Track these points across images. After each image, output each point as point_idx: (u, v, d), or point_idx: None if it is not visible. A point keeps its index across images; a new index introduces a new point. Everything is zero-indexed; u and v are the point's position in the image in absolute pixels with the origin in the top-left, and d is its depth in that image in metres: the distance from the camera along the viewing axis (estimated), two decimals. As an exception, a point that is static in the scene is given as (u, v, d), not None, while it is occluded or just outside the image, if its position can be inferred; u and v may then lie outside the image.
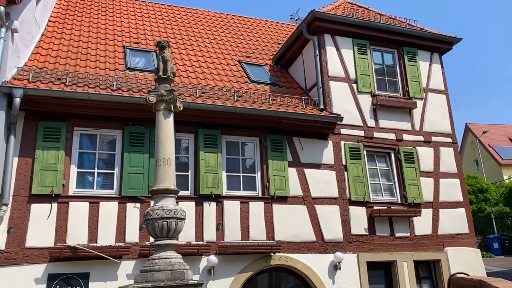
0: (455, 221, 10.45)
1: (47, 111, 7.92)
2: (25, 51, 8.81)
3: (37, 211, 7.51)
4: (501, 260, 19.90)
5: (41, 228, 7.44)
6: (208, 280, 8.04)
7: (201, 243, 8.22)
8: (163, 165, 5.31)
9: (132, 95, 8.34)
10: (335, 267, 9.00)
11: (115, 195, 8.08)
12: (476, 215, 27.18)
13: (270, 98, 9.67)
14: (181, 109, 5.89)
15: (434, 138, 10.96)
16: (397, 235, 9.78)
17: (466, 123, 46.53)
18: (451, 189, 10.67)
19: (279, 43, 13.66)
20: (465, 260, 10.10)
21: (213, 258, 8.05)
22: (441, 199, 10.48)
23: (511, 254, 21.86)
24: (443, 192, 10.55)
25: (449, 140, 11.16)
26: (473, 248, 10.45)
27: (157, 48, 6.04)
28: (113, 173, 8.27)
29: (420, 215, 9.95)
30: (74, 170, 8.04)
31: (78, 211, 7.72)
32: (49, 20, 10.91)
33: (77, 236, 7.57)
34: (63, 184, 7.74)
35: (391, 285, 9.58)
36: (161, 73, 5.75)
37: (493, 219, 28.36)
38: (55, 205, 7.63)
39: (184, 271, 4.96)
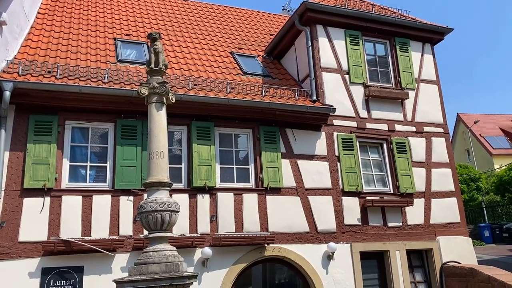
0: (447, 210, 10.56)
1: (38, 104, 7.85)
2: (14, 44, 8.69)
3: (29, 205, 7.46)
4: (492, 248, 20.17)
5: (34, 222, 7.40)
6: (203, 272, 8.07)
7: (195, 235, 8.24)
8: (156, 158, 5.29)
9: (123, 88, 8.28)
10: (328, 257, 9.07)
11: (108, 188, 8.06)
12: (468, 204, 27.46)
13: (263, 90, 9.65)
14: (173, 101, 5.86)
15: (426, 129, 11.03)
16: (389, 225, 9.87)
17: (457, 113, 46.88)
18: (443, 179, 10.77)
19: (271, 34, 13.61)
20: (456, 249, 10.23)
21: (207, 250, 8.08)
22: (433, 189, 10.57)
23: (502, 242, 22.16)
24: (435, 182, 10.65)
25: (441, 130, 11.23)
26: (465, 237, 10.57)
27: (149, 40, 5.99)
28: (106, 166, 8.23)
29: (412, 205, 10.04)
30: (66, 163, 7.99)
31: (71, 205, 7.69)
32: (38, 12, 10.76)
33: (70, 229, 7.54)
34: (55, 178, 7.69)
35: (384, 274, 9.68)
36: (153, 65, 5.71)
37: (484, 208, 28.69)
38: (47, 199, 7.59)
39: (179, 263, 4.97)
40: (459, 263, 9.83)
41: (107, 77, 8.46)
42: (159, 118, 5.51)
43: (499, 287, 8.08)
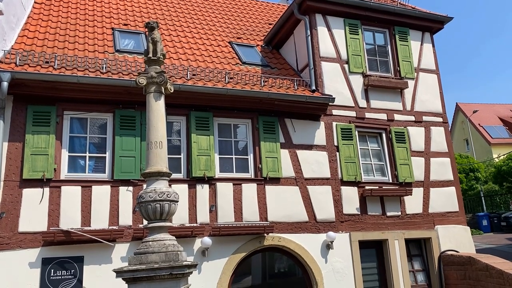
0: (446, 199, 10.60)
1: (36, 95, 7.82)
2: (11, 34, 8.63)
3: (29, 195, 7.47)
4: (490, 237, 20.29)
5: (33, 212, 7.42)
6: (202, 262, 8.12)
7: (195, 225, 8.27)
8: (155, 148, 5.28)
9: (122, 78, 8.25)
10: (327, 246, 9.12)
11: (107, 179, 8.06)
12: (466, 194, 27.59)
13: (262, 80, 9.62)
14: (172, 91, 5.83)
15: (425, 118, 11.02)
16: (388, 214, 9.91)
17: (456, 103, 46.87)
18: (442, 168, 10.78)
19: (270, 24, 13.53)
20: (455, 238, 10.28)
21: (207, 240, 8.11)
22: (432, 178, 10.59)
23: (500, 231, 22.29)
24: (434, 171, 10.67)
25: (440, 119, 11.22)
26: (463, 225, 10.62)
27: (147, 29, 5.95)
28: (105, 157, 8.23)
29: (411, 194, 10.07)
30: (65, 154, 7.99)
31: (71, 195, 7.70)
32: (35, 2, 10.68)
33: (70, 220, 7.56)
34: (54, 169, 7.69)
35: (382, 263, 9.74)
36: (150, 55, 5.67)
37: (483, 197, 28.82)
38: (47, 190, 7.59)
39: (178, 252, 4.99)
40: (458, 251, 9.89)
41: (105, 67, 8.42)
42: (157, 108, 5.49)
43: (497, 275, 8.14)
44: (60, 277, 7.30)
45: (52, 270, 7.29)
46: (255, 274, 9.20)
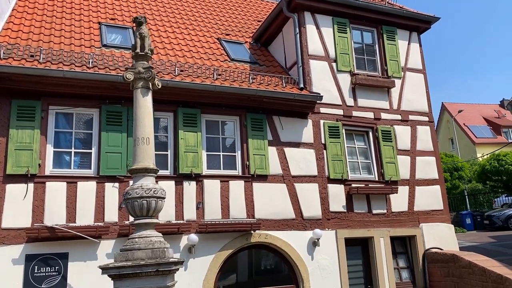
0: (431, 198, 10.72)
1: (21, 89, 7.69)
2: (-5, 27, 8.47)
3: (12, 191, 7.35)
4: (473, 235, 20.61)
5: (17, 208, 7.30)
6: (189, 258, 8.10)
7: (181, 222, 8.23)
8: (142, 144, 5.24)
9: (108, 73, 8.16)
10: (314, 243, 9.17)
11: (93, 175, 7.98)
12: (451, 192, 27.94)
13: (250, 77, 9.60)
14: (159, 87, 5.80)
15: (411, 117, 11.13)
16: (374, 212, 10.00)
17: (442, 102, 47.48)
18: (427, 167, 10.91)
19: (259, 21, 13.50)
20: (439, 236, 10.42)
21: (194, 237, 8.09)
22: (417, 177, 10.71)
23: (483, 229, 22.65)
24: (419, 170, 10.78)
25: (426, 119, 11.34)
26: (447, 224, 10.77)
27: (134, 24, 5.89)
28: (91, 153, 8.14)
29: (396, 192, 10.17)
30: (50, 149, 7.88)
31: (56, 191, 7.61)
32: (20, -6, 10.48)
33: (55, 216, 7.47)
34: (39, 164, 7.58)
35: (368, 261, 9.83)
36: (138, 50, 5.63)
37: (466, 196, 29.25)
38: (31, 185, 7.49)
39: (165, 249, 4.97)
40: (441, 249, 10.02)
41: (92, 62, 8.31)
42: (144, 103, 5.45)
43: (480, 272, 8.27)
44: (44, 274, 7.21)
45: (36, 267, 7.19)
46: (241, 271, 9.20)
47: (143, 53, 5.62)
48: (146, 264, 4.71)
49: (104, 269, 4.75)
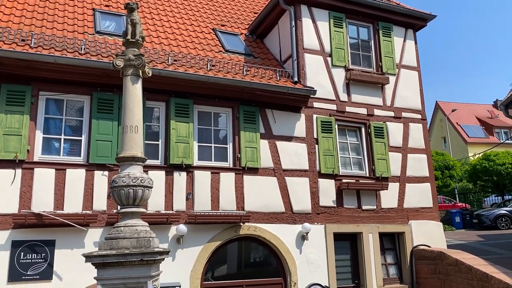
0: (420, 195, 10.77)
1: (11, 73, 7.59)
2: (-14, 9, 8.34)
3: (0, 176, 7.28)
4: (462, 233, 20.77)
5: (4, 194, 7.24)
6: (177, 249, 8.08)
7: (171, 212, 8.21)
8: (130, 132, 5.18)
9: (101, 60, 8.07)
10: (302, 237, 9.18)
11: (82, 162, 7.92)
12: (441, 190, 28.14)
13: (244, 69, 9.54)
14: (150, 75, 5.72)
15: (404, 114, 11.13)
16: (364, 207, 10.02)
17: (436, 101, 47.65)
18: (418, 164, 10.94)
19: (255, 13, 13.41)
20: (428, 233, 10.48)
21: (182, 227, 8.07)
22: (408, 174, 10.74)
23: (471, 228, 22.83)
24: (410, 167, 10.81)
25: (419, 116, 11.35)
26: (436, 221, 10.82)
27: (126, 10, 5.80)
28: (81, 140, 8.07)
29: (387, 189, 10.20)
30: (39, 135, 7.80)
31: (44, 178, 7.54)
32: (13, -23, 10.30)
33: (42, 203, 7.41)
34: (27, 150, 7.51)
35: (356, 256, 9.87)
36: (129, 37, 5.54)
37: (457, 195, 29.46)
38: (19, 171, 7.42)
39: (150, 239, 4.93)
40: (429, 246, 10.08)
41: (84, 49, 8.22)
42: (134, 91, 5.38)
43: (466, 270, 8.33)
44: (30, 261, 7.16)
45: (22, 253, 7.15)
46: (230, 263, 9.21)
47: (134, 40, 5.54)
48: (130, 253, 4.67)
49: (88, 257, 4.71)
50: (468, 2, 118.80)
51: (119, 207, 5.35)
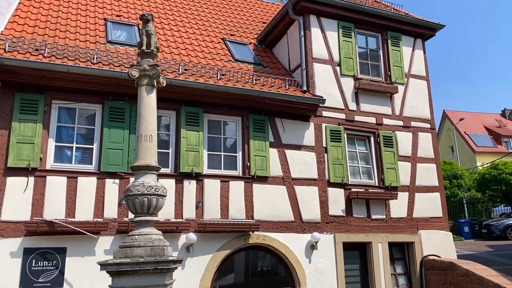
0: (430, 205, 10.71)
1: (25, 82, 7.70)
2: (1, 20, 8.48)
3: (13, 184, 7.35)
4: (471, 243, 20.60)
5: (17, 201, 7.30)
6: (187, 257, 8.09)
7: (180, 220, 8.23)
8: (145, 141, 5.24)
9: (113, 69, 8.16)
10: (312, 246, 9.16)
11: (94, 171, 7.98)
12: (449, 200, 27.93)
13: (254, 78, 9.61)
14: (164, 85, 5.80)
15: (413, 123, 11.13)
16: (373, 217, 9.99)
17: (444, 110, 47.50)
18: (427, 174, 10.90)
19: (264, 22, 13.52)
20: (437, 243, 10.41)
21: (192, 236, 8.08)
22: (417, 183, 10.70)
23: (480, 238, 22.64)
24: (420, 176, 10.77)
25: (428, 125, 11.34)
26: (446, 231, 10.76)
27: (141, 21, 5.89)
28: (92, 148, 8.14)
29: (396, 198, 10.17)
30: (52, 144, 7.88)
31: (56, 186, 7.61)
32: (26, -12, 10.48)
33: (54, 210, 7.47)
34: (40, 158, 7.58)
35: (365, 265, 9.82)
36: (144, 47, 5.62)
37: (465, 204, 29.24)
38: (31, 179, 7.49)
39: (164, 247, 4.96)
40: (439, 256, 10.02)
41: (96, 58, 8.32)
42: (149, 101, 5.45)
43: (477, 281, 8.27)
44: (41, 268, 7.20)
45: (34, 261, 7.19)
46: (238, 272, 9.20)
47: (149, 50, 5.62)
48: (145, 261, 4.70)
49: (103, 265, 4.75)
50: (476, 13, 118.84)
51: (132, 215, 5.40)
